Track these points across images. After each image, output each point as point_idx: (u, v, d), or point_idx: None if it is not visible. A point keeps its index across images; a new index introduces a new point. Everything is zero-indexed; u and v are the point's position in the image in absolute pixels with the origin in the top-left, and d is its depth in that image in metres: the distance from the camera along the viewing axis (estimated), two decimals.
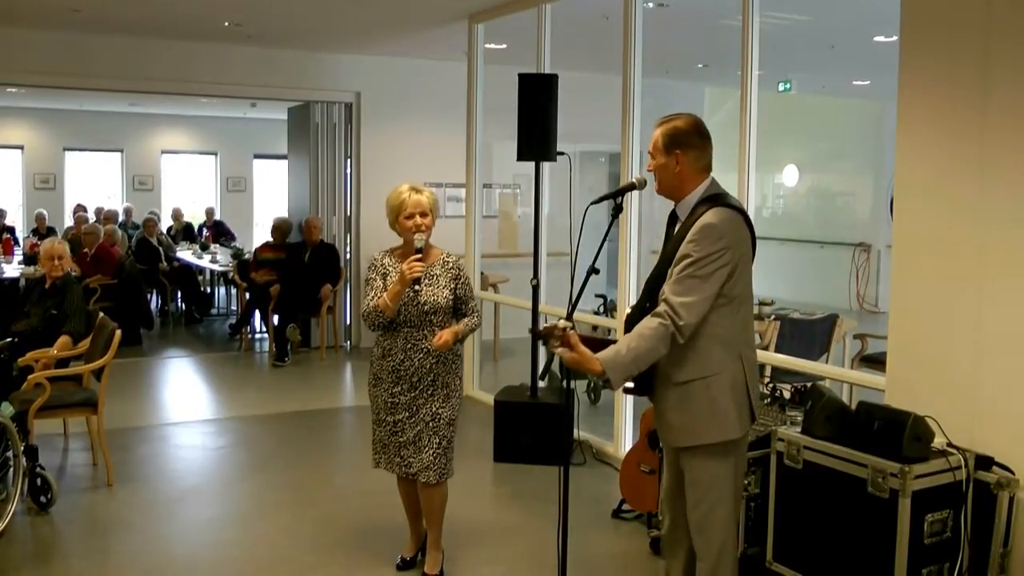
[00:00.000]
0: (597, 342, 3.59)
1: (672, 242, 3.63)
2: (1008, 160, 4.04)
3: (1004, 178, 4.06)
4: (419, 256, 4.50)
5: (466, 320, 4.67)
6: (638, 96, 6.67)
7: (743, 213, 3.64)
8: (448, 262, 4.66)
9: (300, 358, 10.68)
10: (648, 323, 3.48)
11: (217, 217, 17.05)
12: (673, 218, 3.75)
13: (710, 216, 3.52)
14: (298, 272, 10.59)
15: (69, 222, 15.66)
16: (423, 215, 4.56)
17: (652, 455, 5.17)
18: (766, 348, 6.93)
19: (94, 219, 14.15)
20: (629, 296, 6.60)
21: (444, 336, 4.49)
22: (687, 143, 3.64)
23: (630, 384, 3.66)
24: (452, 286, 4.61)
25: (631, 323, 3.69)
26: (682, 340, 3.47)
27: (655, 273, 3.68)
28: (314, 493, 6.17)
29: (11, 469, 5.37)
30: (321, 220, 11.07)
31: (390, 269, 4.61)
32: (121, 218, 16.00)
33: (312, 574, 4.94)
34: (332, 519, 5.67)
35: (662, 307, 3.47)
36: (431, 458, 4.59)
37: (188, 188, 19.77)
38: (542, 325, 3.49)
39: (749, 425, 3.69)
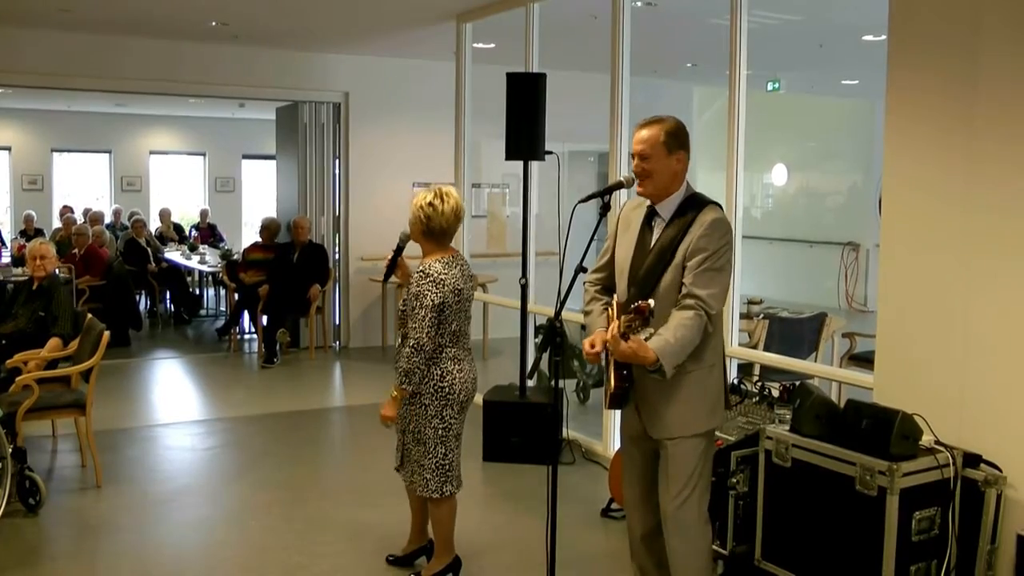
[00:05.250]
0: None
1: (664, 239, 3.73)
2: (997, 156, 4.04)
3: (993, 175, 4.07)
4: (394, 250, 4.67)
5: (398, 363, 4.43)
6: (626, 95, 6.68)
7: None
8: (421, 268, 4.46)
9: (289, 359, 10.65)
10: (685, 315, 3.59)
11: (211, 220, 17.07)
12: (649, 217, 3.82)
13: (714, 212, 3.72)
14: (287, 272, 10.57)
15: (57, 223, 15.61)
16: None
17: None
18: (755, 347, 6.95)
19: (82, 220, 14.10)
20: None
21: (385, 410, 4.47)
22: (685, 144, 3.77)
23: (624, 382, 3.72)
24: (406, 295, 4.52)
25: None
26: (711, 330, 3.64)
27: (645, 268, 3.74)
28: (304, 493, 6.16)
29: None
30: (310, 220, 11.05)
31: None
32: (109, 219, 15.96)
33: (301, 574, 4.93)
34: (322, 519, 5.66)
35: (692, 300, 3.60)
36: (409, 462, 4.63)
37: (177, 189, 19.73)
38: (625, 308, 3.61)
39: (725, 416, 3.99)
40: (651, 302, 3.48)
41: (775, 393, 4.97)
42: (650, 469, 3.89)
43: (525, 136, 6.62)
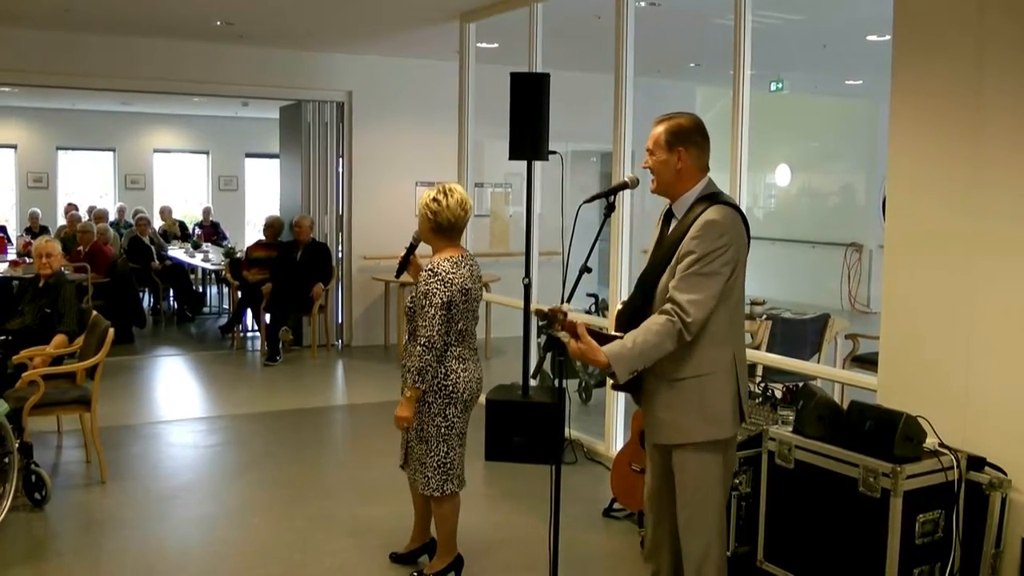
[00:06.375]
0: (600, 336, 3.57)
1: (670, 239, 3.65)
2: (1002, 159, 4.04)
3: (998, 178, 4.06)
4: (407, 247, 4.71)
5: (407, 362, 4.42)
6: (630, 95, 6.67)
7: (740, 211, 3.68)
8: (430, 266, 4.45)
9: (291, 357, 10.66)
10: (656, 319, 3.50)
11: (214, 218, 17.08)
12: (668, 216, 3.77)
13: (712, 213, 3.55)
14: (290, 271, 10.58)
15: (62, 221, 15.64)
16: None
17: (643, 454, 5.14)
18: (758, 348, 6.95)
19: (86, 218, 14.13)
20: (621, 295, 6.60)
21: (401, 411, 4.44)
22: (691, 141, 3.67)
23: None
24: (413, 293, 4.51)
25: (622, 319, 3.71)
26: (688, 337, 3.49)
27: (649, 269, 3.70)
28: (305, 491, 6.17)
29: (6, 466, 5.36)
30: (312, 219, 11.06)
31: None
32: (113, 217, 15.98)
33: (302, 572, 4.94)
34: (323, 517, 5.67)
35: (668, 305, 3.49)
36: (412, 460, 4.63)
37: (180, 187, 19.74)
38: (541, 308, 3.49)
39: (739, 425, 3.73)
40: (564, 307, 3.46)
41: (778, 394, 4.96)
42: (668, 471, 3.82)
43: (529, 136, 6.62)
